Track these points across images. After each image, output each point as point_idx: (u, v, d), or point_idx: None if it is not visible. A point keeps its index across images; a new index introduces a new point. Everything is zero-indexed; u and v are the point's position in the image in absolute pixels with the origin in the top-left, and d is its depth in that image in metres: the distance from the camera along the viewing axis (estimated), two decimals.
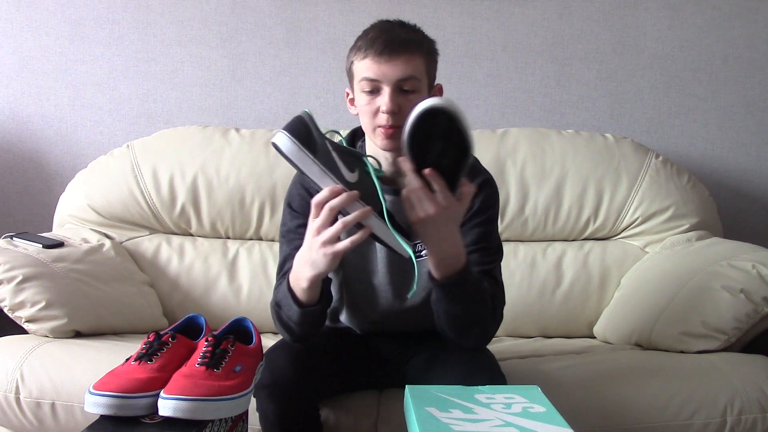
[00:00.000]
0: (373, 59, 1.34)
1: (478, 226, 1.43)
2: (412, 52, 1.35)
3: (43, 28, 2.36)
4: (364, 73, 1.35)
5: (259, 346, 1.32)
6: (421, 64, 1.36)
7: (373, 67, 1.34)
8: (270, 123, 2.34)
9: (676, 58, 2.33)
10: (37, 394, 1.55)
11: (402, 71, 1.33)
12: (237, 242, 2.12)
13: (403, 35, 1.36)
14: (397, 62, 1.33)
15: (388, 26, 1.39)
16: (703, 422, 1.49)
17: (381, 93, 1.35)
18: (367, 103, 1.36)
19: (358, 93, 1.39)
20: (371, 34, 1.37)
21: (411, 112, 1.20)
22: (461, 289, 1.31)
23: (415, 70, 1.35)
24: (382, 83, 1.34)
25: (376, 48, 1.33)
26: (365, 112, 1.38)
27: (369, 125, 1.39)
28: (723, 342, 1.66)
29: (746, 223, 2.36)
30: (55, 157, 2.40)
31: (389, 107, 1.33)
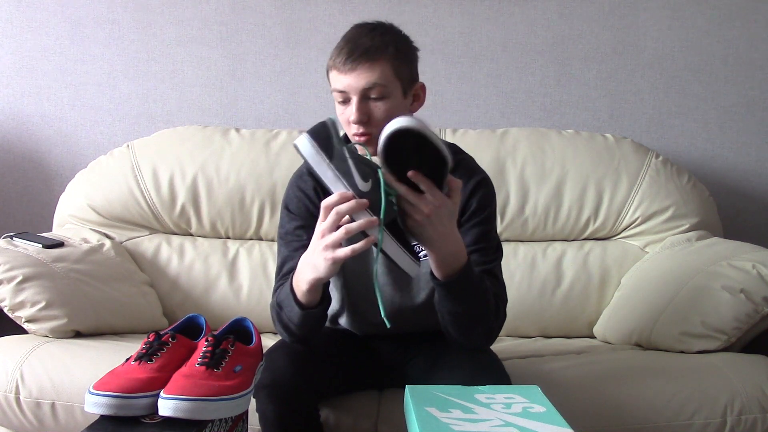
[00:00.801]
0: (339, 70, 1.36)
1: (476, 226, 1.43)
2: (373, 59, 1.35)
3: (43, 28, 2.36)
4: (333, 84, 1.39)
5: (259, 346, 1.32)
6: (387, 69, 1.36)
7: (339, 77, 1.37)
8: (270, 123, 2.34)
9: (676, 58, 2.33)
10: (37, 394, 1.55)
11: (365, 80, 1.35)
12: (237, 242, 2.12)
13: (367, 42, 1.36)
14: (359, 72, 1.35)
15: (356, 34, 1.39)
16: (703, 422, 1.49)
17: (350, 102, 1.37)
18: (341, 113, 1.40)
19: (335, 102, 1.41)
20: (341, 42, 1.39)
21: (383, 126, 1.21)
22: (464, 288, 1.31)
23: (380, 77, 1.35)
24: (349, 93, 1.36)
25: (341, 58, 1.36)
26: (341, 122, 1.40)
27: (348, 133, 1.41)
28: (723, 342, 1.66)
29: (746, 223, 2.36)
30: (55, 157, 2.40)
31: (356, 117, 1.35)
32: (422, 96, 1.47)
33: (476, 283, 1.32)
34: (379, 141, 1.17)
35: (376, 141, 1.34)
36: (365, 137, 1.37)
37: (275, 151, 2.09)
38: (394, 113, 1.38)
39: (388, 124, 1.16)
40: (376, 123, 1.36)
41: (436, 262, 1.28)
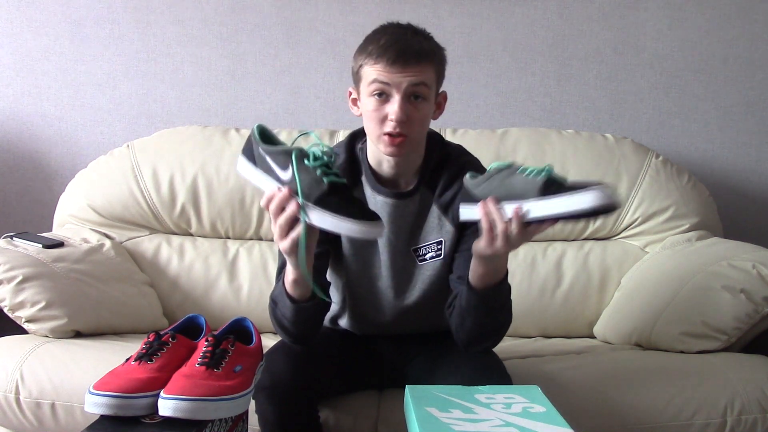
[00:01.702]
0: (386, 65, 1.32)
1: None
2: (425, 61, 1.34)
3: (43, 28, 2.36)
4: (375, 77, 1.33)
5: (259, 346, 1.32)
6: (432, 73, 1.35)
7: (385, 73, 1.32)
8: (270, 123, 2.31)
9: (676, 58, 2.33)
10: (36, 394, 1.55)
11: (414, 79, 1.32)
12: (237, 242, 2.12)
13: (416, 45, 1.34)
14: (410, 71, 1.32)
15: (401, 33, 1.36)
16: (704, 422, 1.49)
17: (390, 100, 1.33)
18: (375, 109, 1.35)
19: (366, 97, 1.37)
20: (384, 40, 1.34)
21: (418, 131, 1.34)
22: (497, 299, 1.33)
23: (427, 78, 1.34)
24: (392, 89, 1.33)
25: (390, 55, 1.32)
26: (372, 118, 1.36)
27: (375, 131, 1.37)
28: (723, 342, 1.66)
29: (746, 223, 2.36)
30: (55, 157, 2.40)
31: (399, 116, 1.32)
32: (443, 105, 1.45)
33: (507, 290, 1.34)
34: (575, 207, 1.15)
35: (410, 144, 1.36)
36: (400, 138, 1.34)
37: None
38: (428, 118, 1.39)
39: (591, 192, 1.14)
40: (413, 125, 1.35)
41: (484, 273, 1.29)
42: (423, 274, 1.48)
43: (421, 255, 1.47)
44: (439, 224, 1.45)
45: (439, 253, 1.46)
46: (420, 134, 1.40)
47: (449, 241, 1.45)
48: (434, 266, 1.47)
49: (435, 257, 1.46)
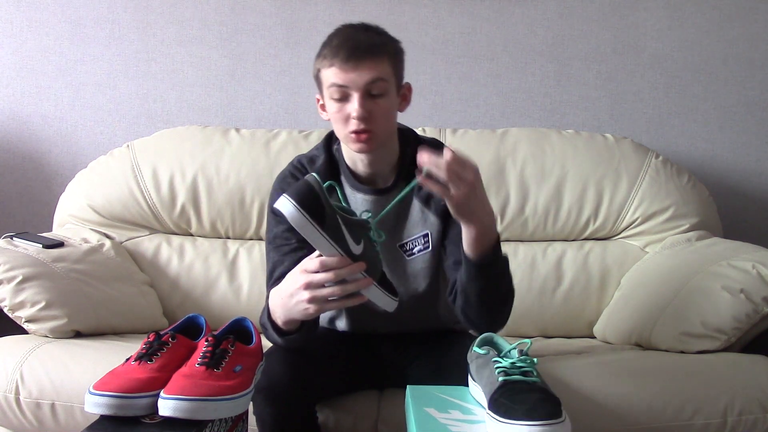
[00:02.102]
0: (340, 66, 1.35)
1: None
2: (377, 56, 1.36)
3: (43, 28, 2.36)
4: (332, 80, 1.36)
5: (259, 346, 1.32)
6: (387, 66, 1.37)
7: (341, 74, 1.35)
8: (270, 123, 2.34)
9: (676, 58, 2.33)
10: (36, 394, 1.55)
11: (369, 76, 1.34)
12: (237, 242, 2.12)
13: (367, 40, 1.37)
14: (363, 68, 1.34)
15: (351, 32, 1.39)
16: (704, 422, 1.49)
17: (350, 99, 1.36)
18: (338, 111, 1.38)
19: (328, 100, 1.40)
20: (335, 41, 1.38)
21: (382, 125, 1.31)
22: (496, 265, 1.30)
23: (382, 72, 1.36)
24: (350, 89, 1.35)
25: (342, 55, 1.34)
26: (337, 120, 1.39)
27: (342, 132, 1.40)
28: (723, 342, 1.66)
29: (746, 223, 2.36)
30: (55, 157, 2.40)
31: (359, 113, 1.34)
32: (409, 96, 1.47)
33: (505, 259, 1.32)
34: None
35: (377, 138, 1.37)
36: (366, 134, 1.36)
37: (275, 151, 2.09)
38: (391, 111, 1.40)
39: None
40: (376, 120, 1.36)
41: (476, 236, 1.25)
42: (413, 268, 1.48)
43: (409, 250, 1.48)
44: (422, 217, 1.46)
45: (426, 246, 1.47)
46: (386, 128, 1.41)
47: (435, 232, 1.46)
48: (423, 259, 1.47)
49: (423, 250, 1.47)
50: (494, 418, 1.10)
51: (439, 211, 1.44)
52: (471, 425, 1.13)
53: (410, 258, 1.48)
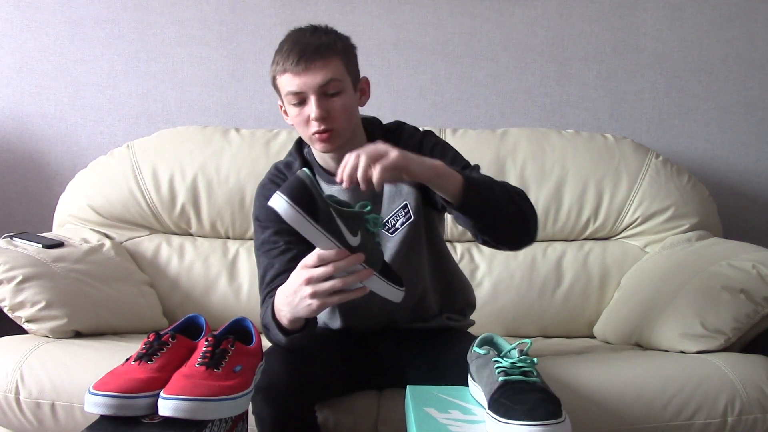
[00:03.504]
0: (291, 72, 1.38)
1: (443, 156, 1.42)
2: (327, 56, 1.38)
3: (43, 28, 2.36)
4: (287, 87, 1.39)
5: (259, 346, 1.32)
6: (339, 65, 1.39)
7: (294, 79, 1.38)
8: (270, 123, 2.34)
9: (676, 58, 2.33)
10: (36, 394, 1.55)
11: (321, 77, 1.37)
12: (237, 242, 2.12)
13: (314, 41, 1.39)
14: (314, 70, 1.36)
15: (299, 36, 1.42)
16: (704, 422, 1.49)
17: (308, 102, 1.38)
18: (298, 114, 1.40)
19: (288, 106, 1.42)
20: (285, 46, 1.40)
21: (342, 122, 1.36)
22: (476, 199, 1.27)
23: (334, 72, 1.38)
24: (306, 93, 1.38)
25: (292, 60, 1.37)
26: (298, 123, 1.42)
27: (305, 134, 1.43)
28: (723, 342, 1.66)
29: (746, 223, 2.36)
30: (55, 157, 2.40)
31: (317, 114, 1.37)
32: (368, 90, 1.50)
33: (485, 187, 1.29)
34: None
35: (340, 136, 1.40)
36: (327, 133, 1.39)
37: (275, 151, 2.09)
38: (350, 108, 1.42)
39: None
40: (336, 118, 1.39)
41: (437, 187, 1.25)
42: (399, 244, 1.48)
43: (392, 227, 1.48)
44: (396, 190, 1.48)
45: (408, 216, 1.48)
46: (347, 124, 1.42)
47: (413, 200, 1.48)
48: (407, 232, 1.48)
49: (405, 222, 1.48)
50: (494, 418, 1.10)
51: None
52: (471, 425, 1.13)
53: (394, 234, 1.48)
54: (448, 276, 1.61)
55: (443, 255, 1.60)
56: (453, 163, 1.41)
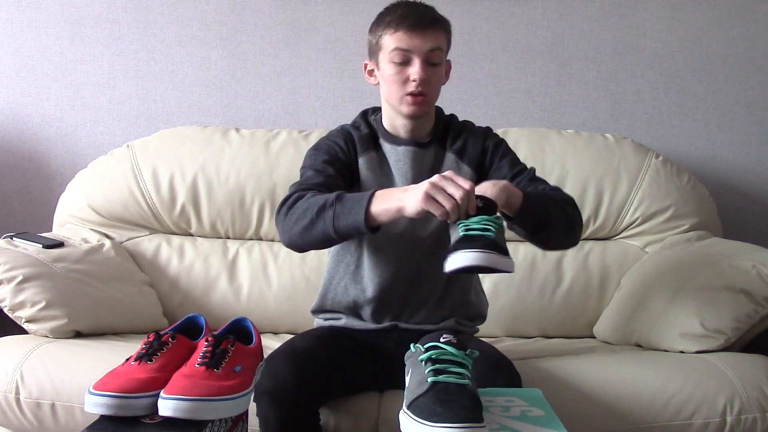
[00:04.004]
0: (405, 32, 1.44)
1: (504, 156, 1.57)
2: (439, 28, 1.48)
3: (43, 28, 2.36)
4: (396, 44, 1.45)
5: (259, 346, 1.32)
6: (444, 39, 1.49)
7: (406, 39, 1.44)
8: (270, 123, 2.34)
9: (676, 58, 2.33)
10: (36, 394, 1.55)
11: (432, 44, 1.45)
12: (237, 242, 2.12)
13: (430, 14, 1.48)
14: (427, 36, 1.45)
15: (414, 5, 1.49)
16: (703, 422, 1.49)
17: (411, 64, 1.46)
18: (397, 73, 1.46)
19: (386, 64, 1.48)
20: (400, 11, 1.47)
21: (436, 91, 1.49)
22: (534, 218, 1.36)
23: (441, 43, 1.48)
24: (413, 54, 1.45)
25: (409, 22, 1.44)
26: (395, 81, 1.47)
27: (397, 93, 1.48)
28: (723, 342, 1.66)
29: (746, 223, 2.36)
30: (55, 157, 2.40)
31: (421, 75, 1.44)
32: (449, 72, 1.57)
33: (542, 202, 1.38)
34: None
35: (428, 103, 1.51)
36: (422, 97, 1.47)
37: (275, 151, 2.09)
38: (441, 81, 1.53)
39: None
40: (431, 86, 1.48)
41: (504, 206, 1.31)
42: (435, 227, 1.53)
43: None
44: (456, 168, 1.55)
45: None
46: (436, 95, 1.53)
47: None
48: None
49: None
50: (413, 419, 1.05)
51: (473, 163, 1.56)
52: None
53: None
54: (469, 281, 1.63)
55: None
56: (516, 164, 1.57)
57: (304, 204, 1.36)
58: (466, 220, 1.22)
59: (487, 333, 1.95)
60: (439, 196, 1.21)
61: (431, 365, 1.09)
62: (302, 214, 1.35)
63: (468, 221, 1.22)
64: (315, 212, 1.33)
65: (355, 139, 1.56)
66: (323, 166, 1.49)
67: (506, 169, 1.54)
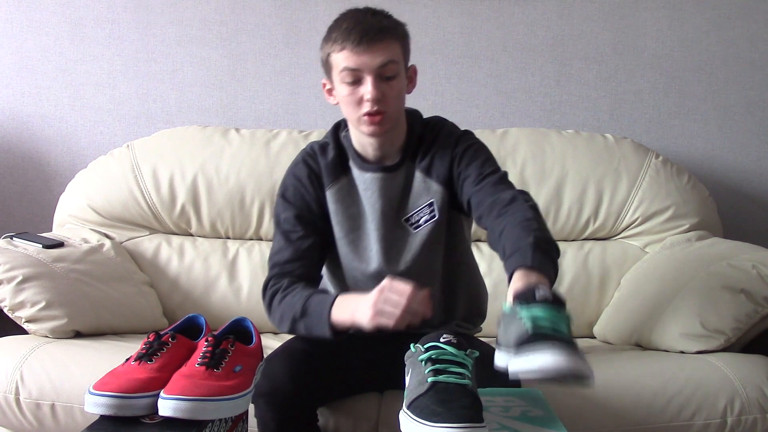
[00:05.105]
0: (351, 50, 1.36)
1: (471, 163, 1.46)
2: (389, 38, 1.38)
3: (43, 28, 2.35)
4: (344, 64, 1.37)
5: (259, 346, 1.32)
6: (398, 48, 1.40)
7: (353, 57, 1.36)
8: (270, 123, 2.34)
9: (676, 58, 2.33)
10: (36, 395, 1.55)
11: (382, 58, 1.36)
12: (237, 242, 2.12)
13: (377, 24, 1.38)
14: (375, 50, 1.36)
15: (360, 15, 1.40)
16: (703, 423, 1.49)
17: (363, 82, 1.37)
18: (350, 94, 1.39)
19: (339, 84, 1.40)
20: (345, 24, 1.38)
21: (394, 106, 1.39)
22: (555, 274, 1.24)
23: (394, 55, 1.38)
24: (363, 72, 1.37)
25: (354, 38, 1.35)
26: (349, 103, 1.40)
27: (354, 114, 1.41)
28: (723, 342, 1.66)
29: (746, 223, 2.36)
30: (55, 157, 2.40)
31: (373, 95, 1.36)
32: (415, 78, 1.50)
33: (547, 261, 1.22)
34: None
35: (389, 120, 1.41)
36: (380, 116, 1.39)
37: (275, 151, 2.09)
38: (402, 93, 1.43)
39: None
40: (389, 102, 1.39)
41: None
42: (421, 241, 1.49)
43: (415, 222, 1.48)
44: (425, 187, 1.48)
45: (432, 215, 1.48)
46: (397, 109, 1.44)
47: (439, 200, 1.48)
48: (430, 230, 1.48)
49: (429, 220, 1.48)
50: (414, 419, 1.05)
51: (441, 178, 1.47)
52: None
53: (416, 230, 1.49)
54: (463, 284, 1.60)
55: (461, 261, 1.58)
56: (482, 166, 1.45)
57: (279, 310, 1.41)
58: (529, 309, 1.03)
59: (487, 333, 1.94)
60: (387, 309, 1.24)
61: (431, 365, 1.09)
62: (281, 319, 1.42)
63: (532, 310, 1.03)
64: (290, 322, 1.40)
65: (322, 168, 1.50)
66: (292, 225, 1.47)
67: (473, 176, 1.44)
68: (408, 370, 1.15)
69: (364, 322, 1.27)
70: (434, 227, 1.48)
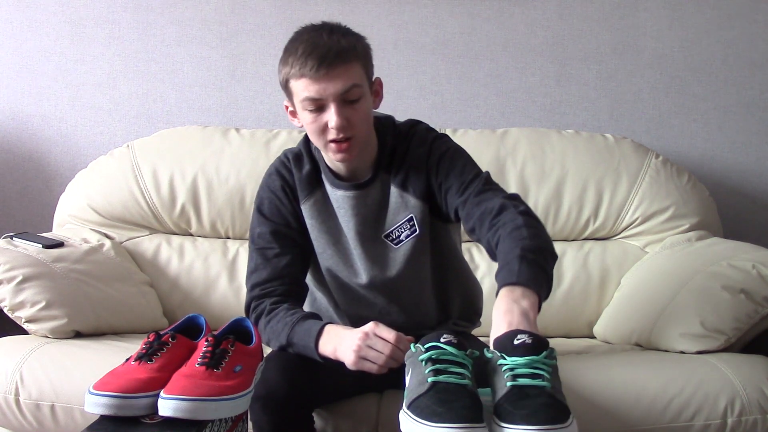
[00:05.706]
0: (311, 78, 1.30)
1: (450, 172, 1.41)
2: (348, 61, 1.32)
3: (43, 28, 2.35)
4: (304, 93, 1.32)
5: (259, 346, 1.32)
6: (358, 69, 1.34)
7: (313, 85, 1.31)
8: (270, 123, 2.34)
9: (676, 58, 2.33)
10: (36, 395, 1.55)
11: (343, 84, 1.31)
12: (237, 242, 2.12)
13: (334, 45, 1.31)
14: (336, 77, 1.30)
15: (315, 37, 1.34)
16: (704, 423, 1.49)
17: (326, 109, 1.32)
18: (313, 121, 1.34)
19: (302, 111, 1.36)
20: (301, 49, 1.32)
21: (360, 129, 1.32)
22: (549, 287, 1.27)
23: (356, 77, 1.33)
24: (324, 100, 1.31)
25: (311, 65, 1.29)
26: (313, 131, 1.36)
27: (320, 141, 1.37)
28: (723, 342, 1.66)
29: (746, 223, 2.36)
30: (55, 157, 2.40)
31: (338, 123, 1.31)
32: (381, 92, 1.45)
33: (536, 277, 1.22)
34: None
35: (357, 144, 1.36)
36: (346, 143, 1.34)
37: (275, 151, 2.09)
38: (369, 113, 1.38)
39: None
40: (355, 126, 1.34)
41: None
42: (398, 255, 1.47)
43: (396, 238, 1.46)
44: (402, 202, 1.45)
45: (413, 230, 1.45)
46: (365, 131, 1.39)
47: (418, 213, 1.45)
48: (412, 245, 1.46)
49: (410, 235, 1.45)
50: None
51: (418, 193, 1.43)
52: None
53: (398, 246, 1.47)
54: (455, 286, 1.59)
55: (450, 267, 1.56)
56: (462, 174, 1.40)
57: (265, 334, 1.40)
58: (508, 358, 1.05)
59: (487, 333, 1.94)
60: (370, 356, 1.25)
61: (431, 365, 1.09)
62: (269, 342, 1.40)
63: (511, 360, 1.05)
64: (279, 348, 1.39)
65: (296, 180, 1.47)
66: (267, 241, 1.44)
67: (455, 187, 1.38)
68: (408, 370, 1.15)
69: (347, 363, 1.28)
70: (416, 242, 1.46)
